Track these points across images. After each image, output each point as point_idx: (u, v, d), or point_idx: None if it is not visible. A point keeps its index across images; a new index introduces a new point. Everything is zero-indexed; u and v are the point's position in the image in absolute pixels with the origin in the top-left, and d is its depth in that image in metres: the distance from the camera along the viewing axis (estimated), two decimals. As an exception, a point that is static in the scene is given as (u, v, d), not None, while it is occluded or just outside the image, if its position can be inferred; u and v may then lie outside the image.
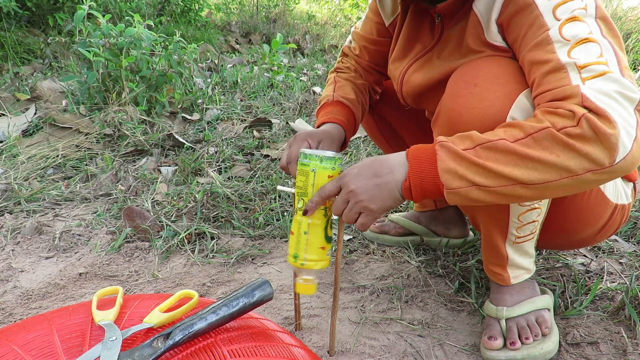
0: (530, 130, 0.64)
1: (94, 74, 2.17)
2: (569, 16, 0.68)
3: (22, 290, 1.15)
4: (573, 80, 0.64)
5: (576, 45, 0.66)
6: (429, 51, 0.92)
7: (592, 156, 0.61)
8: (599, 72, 0.63)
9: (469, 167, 0.65)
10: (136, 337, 0.59)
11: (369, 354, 0.94)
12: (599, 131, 0.60)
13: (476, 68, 0.79)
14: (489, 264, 0.95)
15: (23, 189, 1.63)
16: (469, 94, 0.76)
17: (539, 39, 0.69)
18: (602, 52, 0.65)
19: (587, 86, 0.63)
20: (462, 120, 0.76)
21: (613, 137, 0.60)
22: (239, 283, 1.19)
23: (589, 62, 0.64)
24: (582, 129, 0.60)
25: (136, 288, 1.17)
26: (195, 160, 1.84)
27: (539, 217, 0.86)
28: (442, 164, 0.67)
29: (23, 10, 3.54)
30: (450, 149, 0.67)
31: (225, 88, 2.84)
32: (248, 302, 0.62)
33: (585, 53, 0.65)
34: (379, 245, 1.35)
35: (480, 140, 0.66)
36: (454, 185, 0.67)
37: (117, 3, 3.60)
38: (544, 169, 0.63)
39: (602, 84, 0.62)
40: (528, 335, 0.91)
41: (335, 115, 1.03)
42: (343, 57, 1.19)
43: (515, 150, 0.63)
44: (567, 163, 0.62)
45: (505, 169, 0.64)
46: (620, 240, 1.31)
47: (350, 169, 0.76)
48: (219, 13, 5.48)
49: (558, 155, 0.62)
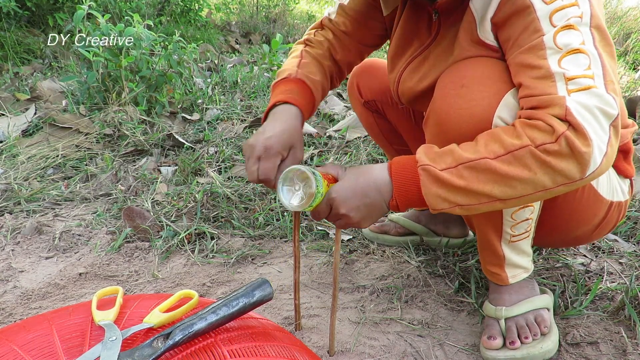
0: (510, 148, 0.67)
1: (94, 74, 2.17)
2: (564, 24, 0.68)
3: (22, 290, 1.16)
4: (560, 90, 0.66)
5: (567, 55, 0.68)
6: (425, 49, 0.91)
7: (566, 172, 0.65)
8: (584, 85, 0.66)
9: (452, 190, 0.70)
10: (136, 337, 0.59)
11: (368, 353, 0.94)
12: (575, 149, 0.64)
13: (463, 69, 0.80)
14: (486, 264, 0.95)
15: (23, 189, 1.63)
16: (456, 95, 0.78)
17: (532, 43, 0.70)
18: (591, 64, 0.67)
19: (571, 98, 0.65)
20: (450, 120, 0.78)
21: (587, 154, 0.64)
22: (239, 283, 1.19)
23: (577, 75, 0.66)
24: (560, 146, 0.64)
25: (136, 288, 1.17)
26: (195, 160, 1.84)
27: (532, 214, 0.86)
28: (425, 189, 0.71)
29: (23, 10, 3.54)
30: (432, 174, 0.70)
31: (225, 88, 2.84)
32: (248, 302, 0.62)
33: (575, 64, 0.67)
34: (378, 245, 1.35)
35: (462, 159, 0.69)
36: (438, 207, 0.72)
37: (117, 3, 3.60)
38: (521, 185, 0.68)
39: (585, 98, 0.65)
40: (527, 335, 0.91)
41: (294, 96, 0.92)
42: (318, 29, 1.08)
43: (495, 169, 0.67)
44: (543, 179, 0.66)
45: (485, 188, 0.68)
46: (620, 240, 1.31)
47: (338, 189, 0.76)
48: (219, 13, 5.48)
49: (535, 172, 0.66)
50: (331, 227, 1.44)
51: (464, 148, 0.71)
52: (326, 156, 1.91)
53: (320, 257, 1.30)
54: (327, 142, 2.06)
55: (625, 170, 0.92)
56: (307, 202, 0.75)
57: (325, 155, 1.93)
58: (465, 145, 0.72)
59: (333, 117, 2.40)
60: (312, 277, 1.21)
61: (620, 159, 0.91)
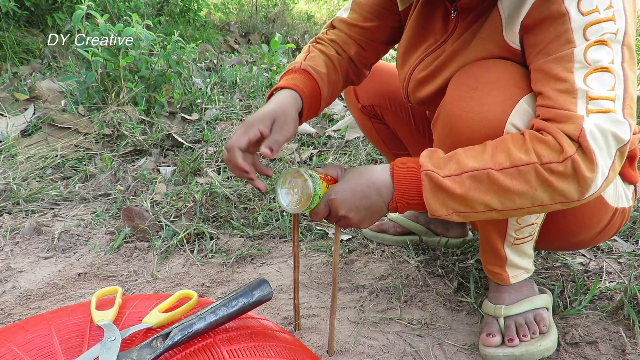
0: (516, 162, 0.68)
1: (93, 74, 2.17)
2: (598, 39, 0.67)
3: (21, 290, 1.15)
4: (579, 108, 0.67)
5: (594, 72, 0.67)
6: (440, 46, 0.88)
7: (566, 193, 0.67)
8: (604, 108, 0.66)
9: (452, 198, 0.71)
10: (135, 337, 0.59)
11: (368, 353, 0.94)
12: (580, 173, 0.65)
13: (478, 71, 0.78)
14: (487, 264, 0.95)
15: (22, 189, 1.63)
16: (469, 98, 0.77)
17: (562, 53, 0.69)
18: (615, 86, 0.67)
19: (589, 119, 0.66)
20: (462, 124, 0.77)
21: (590, 179, 0.66)
22: (238, 283, 1.19)
23: (599, 96, 0.66)
24: (565, 168, 0.66)
25: (135, 288, 1.17)
26: (194, 160, 1.84)
27: (538, 219, 0.86)
28: (427, 194, 0.72)
29: (22, 10, 3.53)
30: (434, 180, 0.71)
31: (225, 88, 2.84)
32: (247, 302, 0.62)
33: (600, 83, 0.67)
34: (378, 244, 1.35)
35: (466, 167, 0.70)
36: (437, 212, 0.73)
37: (116, 3, 3.59)
38: (520, 199, 0.69)
39: (602, 121, 0.66)
40: (526, 333, 0.92)
41: (295, 82, 0.90)
42: (330, 28, 1.06)
43: (498, 181, 0.68)
44: (542, 195, 0.68)
45: (485, 198, 0.70)
46: (619, 240, 1.31)
47: (337, 190, 0.76)
48: (218, 13, 5.47)
49: (536, 189, 0.68)
50: (330, 227, 1.44)
51: (470, 155, 0.71)
52: (325, 156, 1.91)
53: (319, 257, 1.30)
54: (326, 142, 2.06)
55: (630, 176, 0.91)
56: (305, 204, 0.75)
57: (325, 155, 1.93)
58: (471, 151, 0.71)
59: (332, 117, 2.40)
60: (312, 277, 1.21)
61: (626, 165, 0.90)
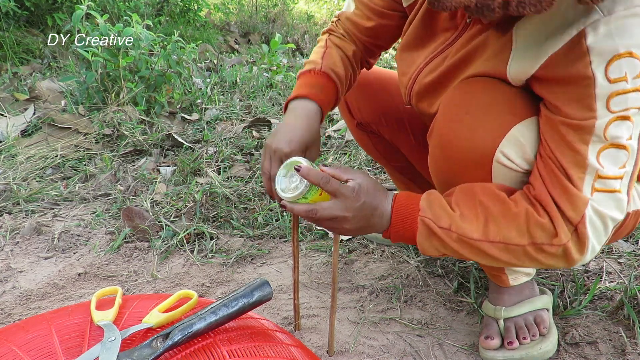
0: (507, 241, 0.70)
1: (93, 74, 2.17)
2: (621, 113, 0.64)
3: (21, 290, 1.15)
4: (585, 187, 0.67)
5: (610, 147, 0.66)
6: (450, 45, 0.83)
7: (552, 266, 0.73)
8: (610, 188, 0.67)
9: (443, 246, 0.74)
10: (135, 338, 0.59)
11: (368, 353, 0.94)
12: (570, 257, 0.70)
13: (470, 93, 0.76)
14: (486, 266, 0.95)
15: (22, 189, 1.63)
16: (460, 122, 0.76)
17: (582, 122, 0.66)
18: (627, 162, 0.67)
19: (593, 199, 0.67)
20: (452, 148, 0.77)
21: (577, 260, 0.70)
22: (238, 283, 1.19)
23: (608, 176, 0.67)
24: (556, 251, 0.69)
25: (135, 288, 1.17)
26: (194, 160, 1.84)
27: None
28: (421, 238, 0.75)
29: (22, 10, 3.53)
30: (430, 228, 0.73)
31: (225, 88, 2.84)
32: (247, 302, 0.62)
33: (612, 161, 0.67)
34: (378, 245, 1.35)
35: (459, 229, 0.72)
36: (428, 253, 0.77)
37: (116, 3, 3.59)
38: (507, 263, 0.73)
39: (605, 202, 0.68)
40: (526, 335, 0.91)
41: (316, 92, 0.92)
42: (337, 21, 1.06)
43: (486, 252, 0.72)
44: (528, 264, 0.73)
45: (473, 257, 0.74)
46: (619, 240, 1.31)
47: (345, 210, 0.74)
48: (218, 13, 5.47)
49: (523, 262, 0.73)
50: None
51: (464, 215, 0.72)
52: (325, 156, 1.91)
53: (319, 257, 1.30)
54: (326, 142, 2.06)
55: None
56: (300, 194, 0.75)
57: (324, 155, 1.93)
58: (466, 210, 0.72)
59: (332, 117, 2.40)
60: (312, 277, 1.21)
61: None
